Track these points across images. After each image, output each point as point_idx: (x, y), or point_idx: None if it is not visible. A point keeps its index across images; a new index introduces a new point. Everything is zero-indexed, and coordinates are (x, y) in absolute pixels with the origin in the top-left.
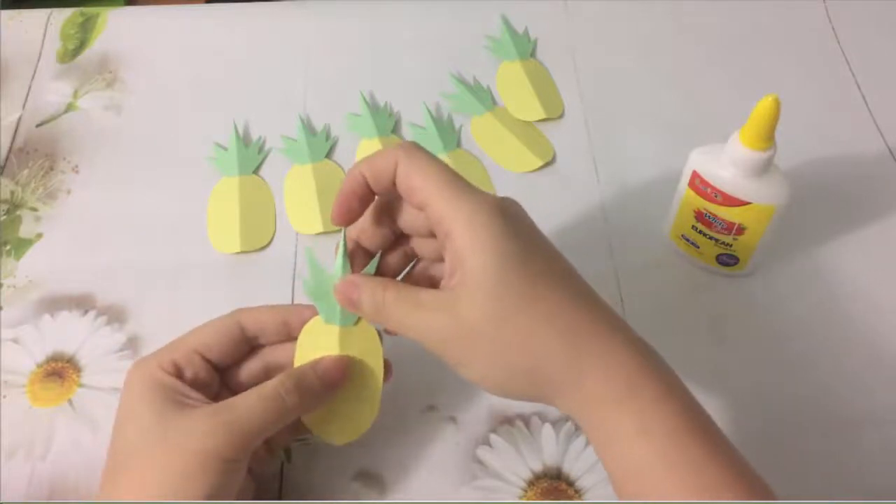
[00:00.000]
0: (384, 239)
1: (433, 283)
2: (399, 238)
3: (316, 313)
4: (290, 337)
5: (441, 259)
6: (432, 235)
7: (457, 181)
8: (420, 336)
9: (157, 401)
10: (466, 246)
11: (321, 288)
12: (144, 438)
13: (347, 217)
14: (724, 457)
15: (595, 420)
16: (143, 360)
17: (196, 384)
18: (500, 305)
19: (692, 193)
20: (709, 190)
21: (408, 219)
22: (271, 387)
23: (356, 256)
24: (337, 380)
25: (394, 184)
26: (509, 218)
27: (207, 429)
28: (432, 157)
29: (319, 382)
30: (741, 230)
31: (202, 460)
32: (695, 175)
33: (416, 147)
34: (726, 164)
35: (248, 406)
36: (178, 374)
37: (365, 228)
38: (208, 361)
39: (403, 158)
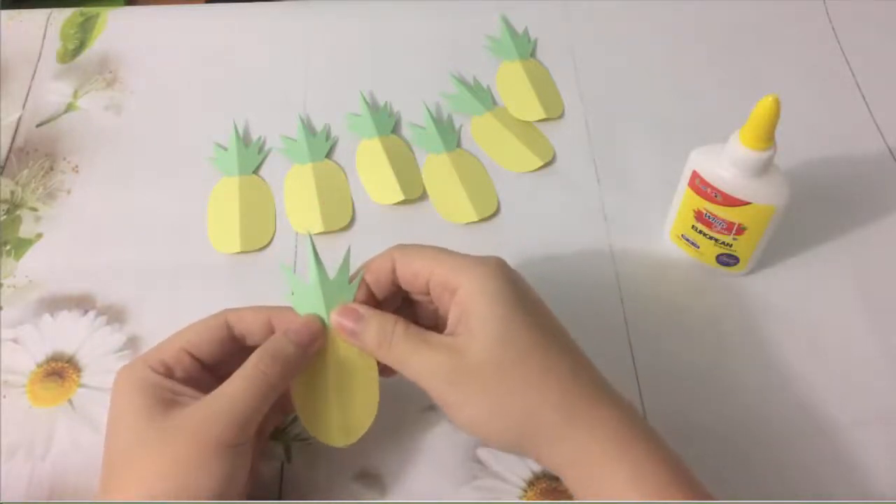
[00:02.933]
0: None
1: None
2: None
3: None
4: None
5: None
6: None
7: (454, 251)
8: (420, 373)
9: (148, 402)
10: (475, 294)
11: (304, 298)
12: (141, 439)
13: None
14: None
15: (585, 472)
16: (131, 364)
17: (188, 383)
18: (506, 351)
19: (692, 193)
20: (709, 190)
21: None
22: (251, 365)
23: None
24: (309, 338)
25: (392, 282)
26: (512, 275)
27: (205, 420)
28: (425, 244)
29: (294, 346)
30: (741, 230)
31: (208, 448)
32: (695, 175)
33: (406, 244)
34: (726, 164)
35: (235, 390)
36: (169, 373)
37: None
38: (197, 360)
39: (398, 252)
